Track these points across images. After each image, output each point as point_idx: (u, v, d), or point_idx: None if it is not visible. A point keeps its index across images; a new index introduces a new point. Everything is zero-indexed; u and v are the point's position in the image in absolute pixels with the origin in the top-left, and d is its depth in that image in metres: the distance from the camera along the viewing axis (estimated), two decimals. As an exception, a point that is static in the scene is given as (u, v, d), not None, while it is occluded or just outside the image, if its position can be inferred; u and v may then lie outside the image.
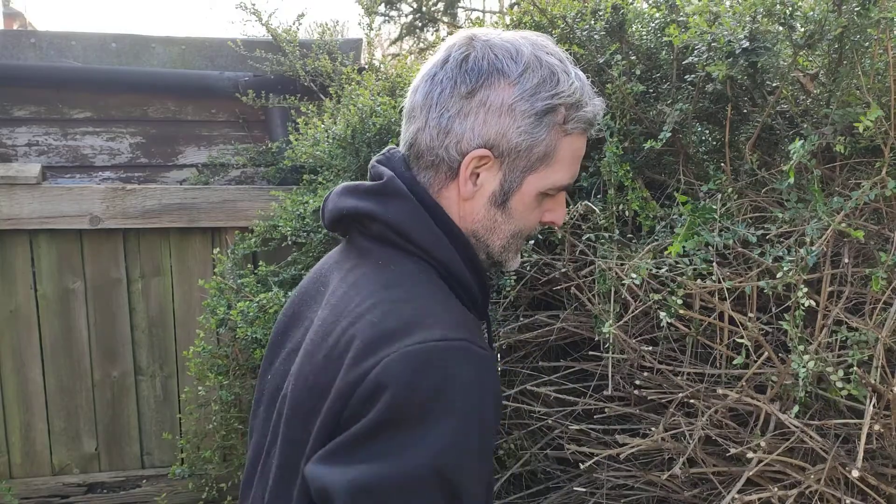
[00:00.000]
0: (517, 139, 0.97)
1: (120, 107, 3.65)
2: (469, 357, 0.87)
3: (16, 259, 3.32)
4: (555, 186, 1.02)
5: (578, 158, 1.03)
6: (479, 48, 0.97)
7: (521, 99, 0.96)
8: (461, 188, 1.00)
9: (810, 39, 1.53)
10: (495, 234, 1.03)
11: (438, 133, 0.98)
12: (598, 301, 1.75)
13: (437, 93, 0.98)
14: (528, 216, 1.04)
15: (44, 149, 3.62)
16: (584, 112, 1.00)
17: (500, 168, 0.99)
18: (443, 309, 0.93)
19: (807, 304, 1.38)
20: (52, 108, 3.62)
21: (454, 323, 0.91)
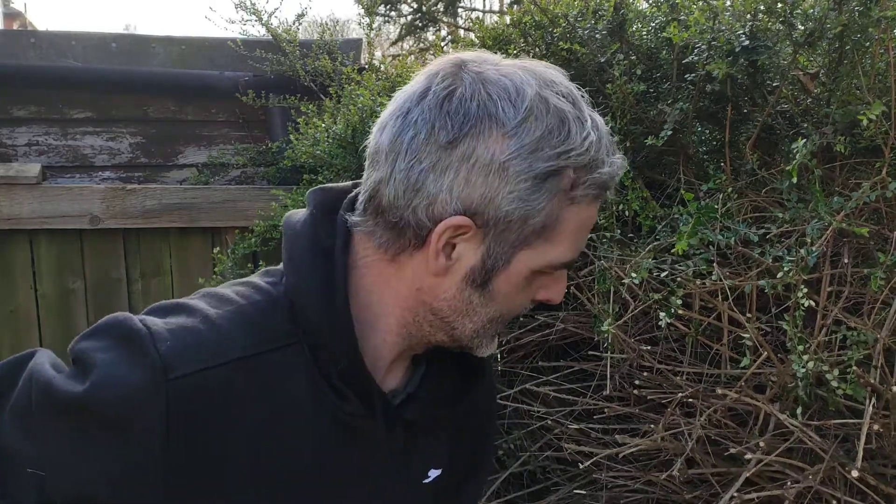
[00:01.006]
0: (508, 207, 0.74)
1: (120, 107, 3.65)
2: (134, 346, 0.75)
3: (16, 259, 3.32)
4: (552, 265, 0.79)
5: (586, 230, 0.81)
6: (469, 82, 0.75)
7: (518, 156, 0.73)
8: (430, 262, 0.77)
9: (811, 38, 1.53)
10: (468, 317, 0.80)
11: (406, 190, 0.75)
12: (598, 301, 1.75)
13: (410, 137, 0.75)
14: (514, 298, 0.81)
15: (44, 149, 3.62)
16: (598, 175, 0.77)
17: (484, 240, 0.76)
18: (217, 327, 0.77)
19: (806, 304, 1.38)
20: (52, 108, 3.62)
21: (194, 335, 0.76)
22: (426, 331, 0.82)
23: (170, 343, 0.72)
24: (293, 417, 0.77)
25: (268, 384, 0.76)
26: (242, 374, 0.75)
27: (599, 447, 1.70)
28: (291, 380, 0.77)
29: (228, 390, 0.74)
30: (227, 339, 0.75)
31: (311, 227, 0.81)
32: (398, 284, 0.80)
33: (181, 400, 0.71)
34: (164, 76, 3.55)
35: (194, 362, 0.72)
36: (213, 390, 0.73)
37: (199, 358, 0.73)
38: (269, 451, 0.76)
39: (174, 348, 0.72)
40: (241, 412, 0.74)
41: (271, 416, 0.76)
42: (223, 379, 0.73)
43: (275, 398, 0.76)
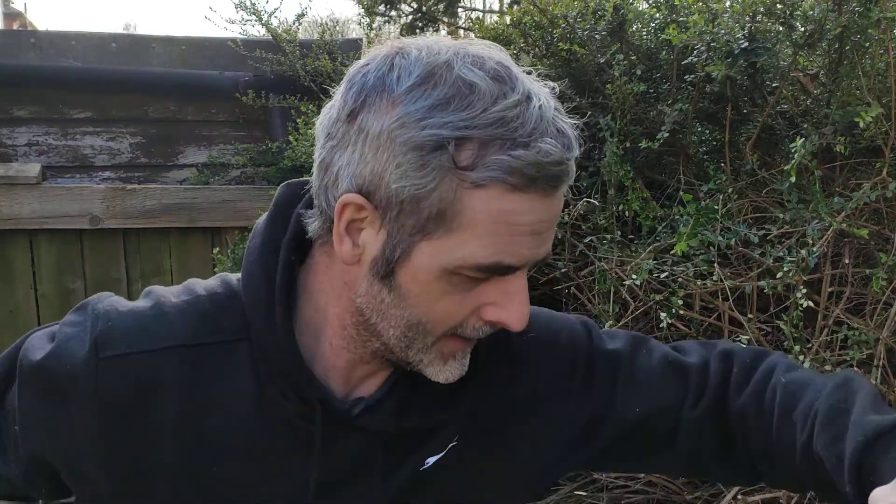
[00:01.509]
0: (396, 184, 0.65)
1: (120, 107, 3.65)
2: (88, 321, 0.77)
3: (16, 259, 3.32)
4: (468, 265, 0.66)
5: (519, 228, 0.66)
6: (382, 57, 0.69)
7: (404, 125, 0.64)
8: (336, 247, 0.70)
9: (810, 39, 1.53)
10: (385, 320, 0.72)
11: (319, 170, 0.71)
12: (599, 301, 1.75)
13: (327, 116, 0.71)
14: (432, 305, 0.70)
15: (44, 149, 3.62)
16: (509, 157, 0.63)
17: (384, 224, 0.68)
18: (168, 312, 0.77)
19: (805, 304, 1.38)
20: (52, 108, 3.62)
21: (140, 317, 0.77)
22: (363, 335, 0.75)
23: (110, 324, 0.75)
24: (231, 410, 0.75)
25: (207, 375, 0.75)
26: (178, 361, 0.75)
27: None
28: (235, 373, 0.76)
29: (155, 376, 0.74)
30: (165, 327, 0.76)
31: (267, 224, 0.78)
32: (332, 279, 0.75)
33: (109, 379, 0.73)
34: (164, 76, 3.55)
35: (123, 345, 0.74)
36: (133, 375, 0.74)
37: (129, 342, 0.74)
38: (200, 440, 0.75)
39: (111, 329, 0.74)
40: (170, 399, 0.74)
41: (206, 406, 0.75)
42: (148, 365, 0.74)
43: (213, 389, 0.75)
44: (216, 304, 0.78)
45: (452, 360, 0.75)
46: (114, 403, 0.74)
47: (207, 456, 0.76)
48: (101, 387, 0.73)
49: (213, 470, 0.76)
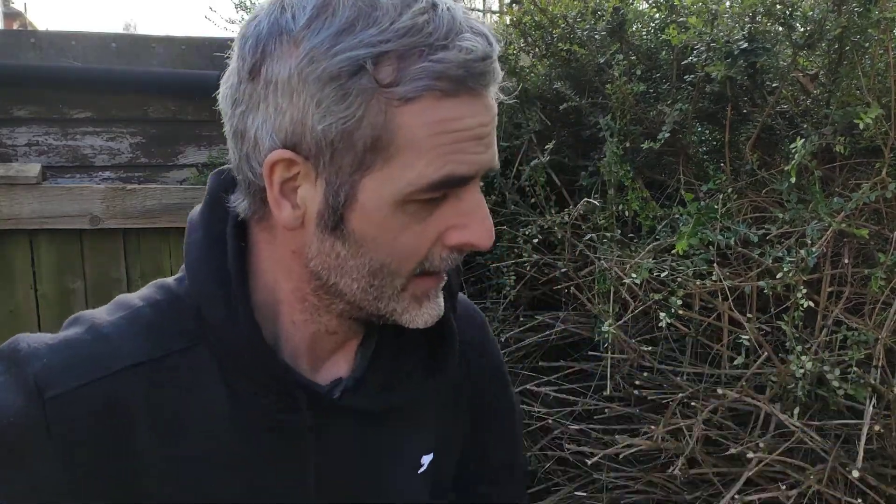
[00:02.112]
0: (321, 125, 0.61)
1: (120, 107, 3.65)
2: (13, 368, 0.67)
3: (16, 259, 3.32)
4: (420, 187, 0.63)
5: (461, 135, 0.63)
6: (269, 4, 0.65)
7: (312, 60, 0.60)
8: (276, 214, 0.66)
9: (810, 39, 1.53)
10: (346, 275, 0.67)
11: (235, 141, 0.67)
12: (598, 301, 1.75)
13: (227, 85, 0.67)
14: (393, 243, 0.66)
15: (44, 149, 3.62)
16: (431, 63, 0.60)
17: (319, 174, 0.64)
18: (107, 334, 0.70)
19: (805, 304, 1.38)
20: (52, 108, 3.62)
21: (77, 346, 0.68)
22: (325, 300, 0.71)
23: (45, 361, 0.65)
24: (207, 420, 0.69)
25: (171, 390, 0.68)
26: (137, 382, 0.67)
27: (600, 447, 1.70)
28: (200, 380, 0.69)
29: (118, 403, 0.66)
30: (112, 349, 0.68)
31: (204, 214, 0.74)
32: (279, 254, 0.71)
33: (63, 419, 0.64)
34: (164, 76, 3.55)
35: (71, 379, 0.65)
36: (97, 406, 0.65)
37: (76, 374, 0.65)
38: (181, 463, 0.68)
39: (48, 367, 0.65)
40: (139, 424, 0.67)
41: (180, 422, 0.68)
42: (109, 392, 0.66)
43: (181, 404, 0.68)
44: (160, 313, 0.71)
45: (427, 300, 0.71)
46: (76, 444, 0.65)
47: (194, 478, 0.69)
48: (55, 431, 0.64)
49: (203, 493, 0.69)
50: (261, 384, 0.70)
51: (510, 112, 2.18)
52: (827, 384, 1.44)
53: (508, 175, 2.16)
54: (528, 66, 2.18)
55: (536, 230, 1.93)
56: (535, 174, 1.96)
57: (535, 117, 2.07)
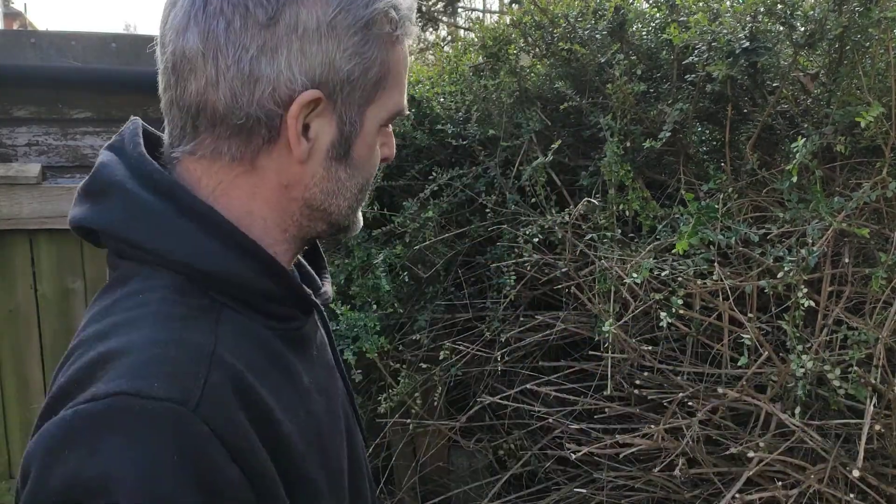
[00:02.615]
0: (347, 66, 0.71)
1: (120, 107, 3.65)
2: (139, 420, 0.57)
3: (16, 259, 3.32)
4: (395, 112, 0.77)
5: (406, 70, 0.79)
6: None
7: (341, 10, 0.70)
8: (294, 149, 0.72)
9: (811, 39, 1.53)
10: (340, 196, 0.77)
11: (244, 84, 0.69)
12: (599, 301, 1.75)
13: (223, 28, 0.69)
14: (373, 160, 0.79)
15: (44, 149, 3.62)
16: (406, 11, 0.76)
17: (335, 109, 0.73)
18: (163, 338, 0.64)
19: (806, 304, 1.38)
20: (52, 108, 3.62)
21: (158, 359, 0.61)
22: (306, 227, 0.79)
23: (156, 384, 0.59)
24: (271, 362, 0.72)
25: (239, 350, 0.68)
26: (228, 356, 0.66)
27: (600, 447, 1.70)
28: (247, 335, 0.71)
29: (236, 378, 0.65)
30: (187, 342, 0.65)
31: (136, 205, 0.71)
32: (265, 191, 0.74)
33: (220, 421, 0.60)
34: (164, 76, 3.55)
35: (193, 379, 0.61)
36: (230, 389, 0.64)
37: (191, 372, 0.62)
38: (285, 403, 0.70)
39: (165, 386, 0.59)
40: (257, 385, 0.67)
41: (264, 373, 0.70)
42: (227, 373, 0.65)
43: (252, 357, 0.69)
44: (170, 303, 0.68)
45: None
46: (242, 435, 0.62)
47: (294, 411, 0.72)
48: (221, 434, 0.60)
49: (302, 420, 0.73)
50: (290, 310, 0.78)
51: (510, 112, 2.18)
52: (827, 384, 1.44)
53: (509, 175, 2.16)
54: (528, 66, 2.18)
55: (537, 230, 1.93)
56: (536, 174, 1.96)
57: (536, 117, 2.07)
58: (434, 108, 2.40)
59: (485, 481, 2.32)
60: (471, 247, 2.29)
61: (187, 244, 0.70)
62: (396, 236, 2.22)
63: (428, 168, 2.32)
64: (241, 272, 0.71)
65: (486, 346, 2.12)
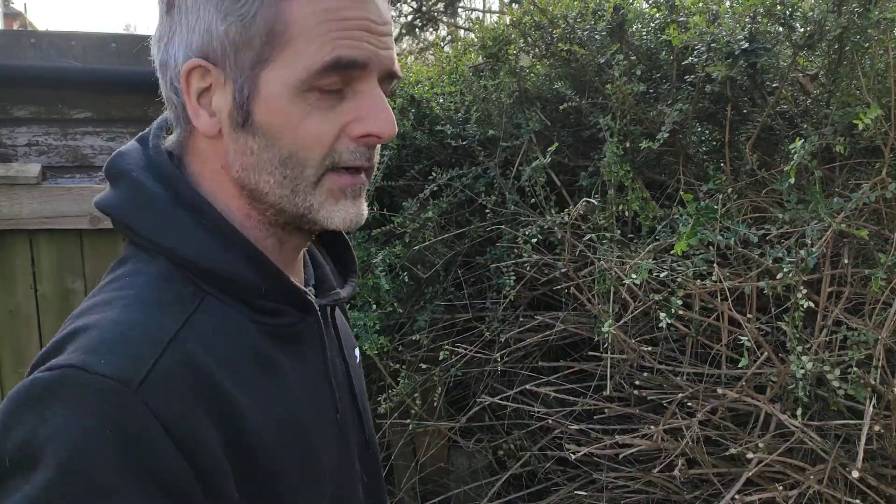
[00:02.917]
0: (223, 27, 0.69)
1: (120, 107, 3.65)
2: (81, 392, 0.60)
3: (16, 259, 3.32)
4: (312, 71, 0.68)
5: (346, 22, 0.69)
6: None
7: None
8: (195, 123, 0.72)
9: (810, 40, 1.53)
10: (262, 171, 0.72)
11: (162, 72, 0.75)
12: (598, 301, 1.75)
13: (156, 27, 0.78)
14: (297, 128, 0.70)
15: (44, 149, 3.62)
16: None
17: (227, 76, 0.71)
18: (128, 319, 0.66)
19: (805, 305, 1.38)
20: (52, 108, 3.63)
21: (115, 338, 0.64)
22: (258, 210, 0.75)
23: (104, 361, 0.62)
24: (248, 354, 0.72)
25: (212, 339, 0.69)
26: (190, 343, 0.67)
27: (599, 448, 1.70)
28: (226, 325, 0.71)
29: (192, 364, 0.66)
30: (149, 325, 0.66)
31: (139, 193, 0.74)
32: (218, 178, 0.75)
33: (162, 403, 0.62)
34: (164, 76, 3.55)
35: (142, 361, 0.63)
36: (181, 374, 0.64)
37: (143, 354, 0.63)
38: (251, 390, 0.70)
39: (114, 363, 0.62)
40: (215, 373, 0.67)
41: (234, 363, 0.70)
42: (178, 357, 0.65)
43: (226, 346, 0.70)
44: (152, 288, 0.71)
45: (343, 199, 0.74)
46: (186, 419, 0.63)
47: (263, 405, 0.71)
48: (161, 416, 0.61)
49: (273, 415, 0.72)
50: (279, 305, 0.75)
51: (510, 112, 2.18)
52: (827, 384, 1.44)
53: (508, 175, 2.16)
54: (528, 66, 2.18)
55: (536, 230, 1.93)
56: (536, 174, 1.96)
57: (535, 117, 2.07)
58: (434, 108, 2.40)
59: (484, 481, 2.32)
60: (470, 247, 2.29)
61: (176, 233, 0.72)
62: (396, 236, 2.22)
63: (428, 168, 2.32)
64: (225, 264, 0.72)
65: (486, 346, 2.12)
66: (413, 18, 4.50)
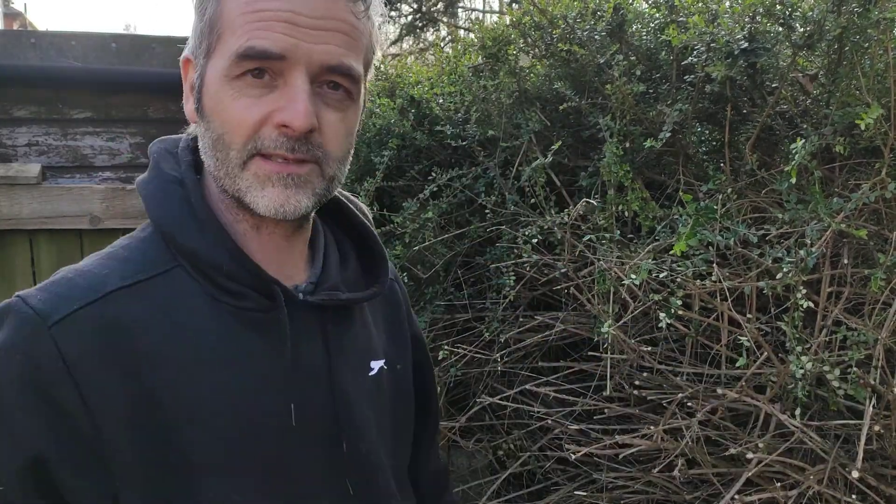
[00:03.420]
0: (196, 24, 0.79)
1: (120, 107, 3.65)
2: (11, 318, 0.73)
3: (16, 259, 3.32)
4: (231, 58, 0.74)
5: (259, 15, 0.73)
6: None
7: None
8: (186, 111, 0.84)
9: (810, 40, 1.53)
10: (206, 152, 0.80)
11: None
12: (598, 301, 1.75)
13: None
14: (224, 112, 0.76)
15: (44, 149, 3.62)
16: None
17: (196, 68, 0.80)
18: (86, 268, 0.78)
19: (805, 305, 1.38)
20: (52, 108, 3.62)
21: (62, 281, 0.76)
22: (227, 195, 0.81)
23: (39, 297, 0.73)
24: (196, 327, 0.77)
25: (159, 305, 0.77)
26: (128, 300, 0.75)
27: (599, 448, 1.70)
28: (184, 297, 0.78)
29: (116, 318, 0.74)
30: (98, 277, 0.76)
31: (155, 169, 0.84)
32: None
33: (69, 341, 0.71)
34: (164, 76, 3.55)
35: (68, 305, 0.73)
36: (97, 323, 0.73)
37: (72, 301, 0.73)
38: (181, 366, 0.76)
39: (44, 301, 0.73)
40: (141, 335, 0.74)
41: (173, 332, 0.76)
42: (105, 311, 0.74)
43: (172, 315, 0.77)
44: (131, 250, 0.81)
45: (270, 185, 0.77)
46: (84, 365, 0.71)
47: (190, 377, 0.76)
48: (65, 351, 0.71)
49: (200, 388, 0.76)
50: (242, 288, 0.80)
51: (509, 112, 2.18)
52: (827, 384, 1.44)
53: (508, 175, 2.16)
54: (527, 67, 2.18)
55: (536, 230, 1.93)
56: (535, 174, 1.96)
57: (535, 117, 2.07)
58: (433, 108, 2.40)
59: (484, 480, 2.32)
60: (470, 247, 2.29)
61: (164, 206, 0.80)
62: (396, 237, 2.22)
63: (427, 168, 2.32)
64: (194, 240, 0.78)
65: (486, 346, 2.12)
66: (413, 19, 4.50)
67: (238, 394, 0.79)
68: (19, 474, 0.71)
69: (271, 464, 0.81)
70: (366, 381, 0.92)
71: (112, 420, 0.72)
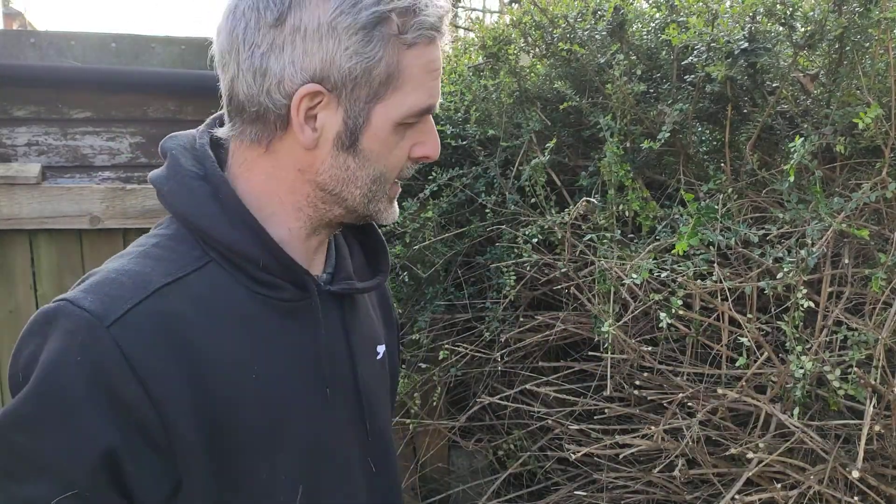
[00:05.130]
0: (348, 64, 0.79)
1: (120, 107, 3.65)
2: (65, 323, 0.74)
3: (15, 259, 3.32)
4: (412, 112, 0.83)
5: (435, 73, 0.84)
6: None
7: (341, 13, 0.77)
8: (299, 136, 0.82)
9: (810, 40, 1.53)
10: (352, 184, 0.85)
11: (255, 77, 0.81)
12: (598, 301, 1.75)
13: (242, 28, 0.80)
14: (388, 156, 0.85)
15: (44, 149, 3.62)
16: (424, 17, 0.80)
17: (340, 103, 0.81)
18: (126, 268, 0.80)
19: (806, 305, 1.38)
20: (52, 108, 3.62)
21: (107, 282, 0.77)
22: (322, 209, 0.88)
23: (90, 299, 0.75)
24: (240, 318, 0.82)
25: (203, 298, 0.80)
26: (174, 295, 0.78)
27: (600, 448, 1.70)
28: (222, 289, 0.82)
29: (169, 313, 0.77)
30: (142, 275, 0.78)
31: (175, 166, 0.86)
32: (281, 173, 0.86)
33: (129, 339, 0.73)
34: (164, 76, 3.55)
35: (121, 305, 0.75)
36: (154, 319, 0.76)
37: (124, 298, 0.76)
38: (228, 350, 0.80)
39: (97, 301, 0.75)
40: (191, 327, 0.78)
41: (219, 323, 0.80)
42: (158, 306, 0.77)
43: (215, 307, 0.81)
44: (163, 248, 0.84)
45: (393, 203, 0.91)
46: (146, 364, 0.74)
47: (241, 365, 0.81)
48: (126, 351, 0.73)
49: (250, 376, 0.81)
50: (275, 279, 0.85)
51: (510, 112, 2.18)
52: (827, 384, 1.44)
53: (508, 175, 2.16)
54: (528, 66, 2.18)
55: (536, 230, 1.92)
56: (536, 174, 1.96)
57: (535, 117, 2.07)
58: (434, 108, 2.40)
59: (484, 480, 2.32)
60: (470, 247, 2.29)
61: (192, 202, 0.83)
62: (396, 236, 2.22)
63: (427, 168, 2.32)
64: (229, 235, 0.82)
65: (486, 346, 2.12)
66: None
67: (282, 379, 0.84)
68: (94, 470, 0.72)
69: (312, 445, 0.87)
70: (375, 365, 1.00)
71: (177, 411, 0.75)
